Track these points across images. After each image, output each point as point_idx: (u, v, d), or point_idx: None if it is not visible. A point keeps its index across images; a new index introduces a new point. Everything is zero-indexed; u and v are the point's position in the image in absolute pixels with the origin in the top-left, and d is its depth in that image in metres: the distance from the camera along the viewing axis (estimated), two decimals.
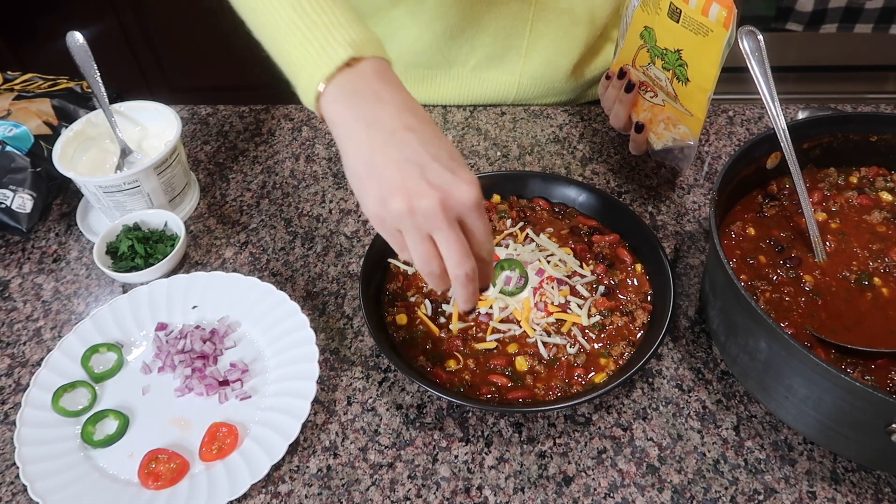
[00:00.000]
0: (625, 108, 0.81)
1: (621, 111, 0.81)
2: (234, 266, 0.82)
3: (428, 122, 0.54)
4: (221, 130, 1.01)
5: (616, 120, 0.82)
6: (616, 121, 0.83)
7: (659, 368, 0.69)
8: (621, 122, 0.82)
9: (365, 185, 0.53)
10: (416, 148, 0.51)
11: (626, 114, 0.81)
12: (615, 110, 0.82)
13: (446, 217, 0.50)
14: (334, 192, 0.90)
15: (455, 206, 0.51)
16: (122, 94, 0.92)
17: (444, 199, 0.50)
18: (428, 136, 0.53)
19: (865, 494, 0.60)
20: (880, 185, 0.76)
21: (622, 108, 0.81)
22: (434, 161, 0.51)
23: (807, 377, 0.55)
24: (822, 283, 0.67)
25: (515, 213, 0.79)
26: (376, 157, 0.52)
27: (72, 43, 0.85)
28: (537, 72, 0.97)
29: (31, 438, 0.64)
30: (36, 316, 0.77)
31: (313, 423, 0.66)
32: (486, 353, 0.68)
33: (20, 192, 0.82)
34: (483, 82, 0.98)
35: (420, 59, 0.96)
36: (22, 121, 0.87)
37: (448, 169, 0.51)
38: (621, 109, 0.81)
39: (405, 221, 0.51)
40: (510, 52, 0.94)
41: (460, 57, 0.95)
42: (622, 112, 0.81)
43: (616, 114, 0.82)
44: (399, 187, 0.51)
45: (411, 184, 0.50)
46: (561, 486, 0.61)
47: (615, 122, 0.83)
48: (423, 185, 0.50)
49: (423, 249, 0.52)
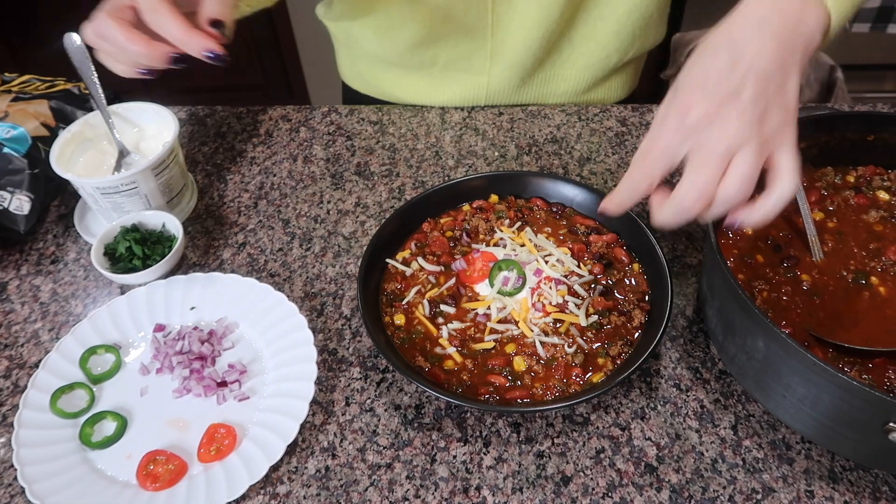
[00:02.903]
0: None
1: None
2: (231, 267, 0.82)
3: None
4: (219, 131, 1.01)
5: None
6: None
7: (657, 368, 0.69)
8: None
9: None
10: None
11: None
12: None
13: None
14: (332, 193, 0.90)
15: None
16: (119, 95, 0.92)
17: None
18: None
19: (863, 493, 0.60)
20: (877, 184, 0.76)
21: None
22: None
23: (804, 376, 0.55)
24: (820, 283, 0.67)
25: (513, 213, 0.79)
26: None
27: (69, 44, 0.85)
28: (505, 72, 0.98)
29: (29, 440, 0.64)
30: (34, 318, 0.77)
31: (312, 423, 0.66)
32: (484, 354, 0.68)
33: (18, 194, 0.82)
34: (454, 82, 1.00)
35: (395, 60, 0.98)
36: (19, 122, 0.87)
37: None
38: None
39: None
40: (475, 53, 0.96)
41: (427, 61, 0.97)
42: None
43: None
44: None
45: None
46: (559, 486, 0.61)
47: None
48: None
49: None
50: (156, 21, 0.55)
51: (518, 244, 0.76)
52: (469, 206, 0.82)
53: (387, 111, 1.02)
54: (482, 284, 0.73)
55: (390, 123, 1.00)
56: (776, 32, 0.52)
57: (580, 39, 0.96)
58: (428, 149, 0.96)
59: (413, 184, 0.91)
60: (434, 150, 0.95)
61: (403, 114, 1.01)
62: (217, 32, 0.58)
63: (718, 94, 0.51)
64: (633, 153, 0.93)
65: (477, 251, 0.75)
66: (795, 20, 0.53)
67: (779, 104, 0.51)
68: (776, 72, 0.51)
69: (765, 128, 0.51)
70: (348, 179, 0.92)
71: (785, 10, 0.53)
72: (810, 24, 0.53)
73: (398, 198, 0.89)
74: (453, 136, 0.98)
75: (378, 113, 1.01)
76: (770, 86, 0.51)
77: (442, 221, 0.80)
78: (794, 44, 0.52)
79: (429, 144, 0.96)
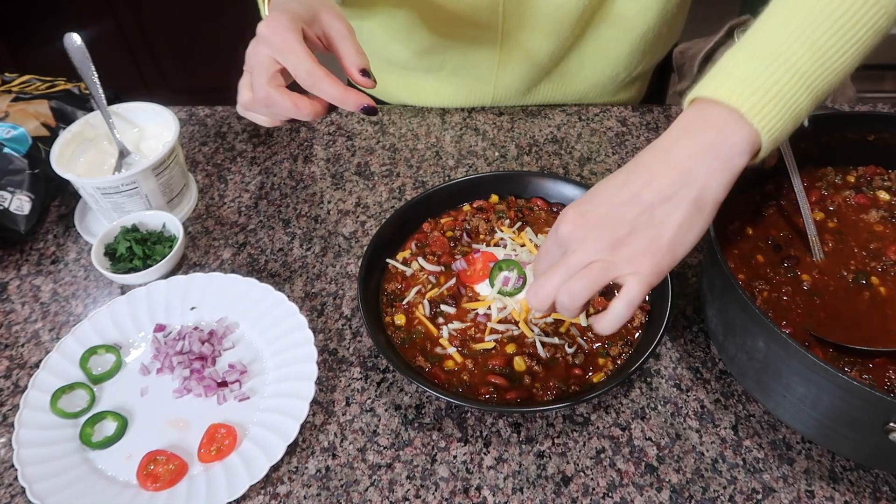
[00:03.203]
0: None
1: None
2: (232, 267, 0.82)
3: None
4: (219, 131, 1.01)
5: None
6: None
7: (657, 368, 0.69)
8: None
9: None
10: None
11: None
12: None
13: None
14: (332, 193, 0.90)
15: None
16: (119, 95, 0.92)
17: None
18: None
19: (863, 493, 0.60)
20: (878, 184, 0.76)
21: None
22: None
23: (805, 376, 0.55)
24: (820, 283, 0.67)
25: (513, 213, 0.79)
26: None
27: (69, 44, 0.85)
28: (512, 83, 0.98)
29: (29, 440, 0.64)
30: (34, 318, 0.77)
31: (312, 423, 0.66)
32: (484, 354, 0.68)
33: (18, 194, 0.82)
34: (459, 88, 1.00)
35: (402, 63, 0.98)
36: (20, 122, 0.87)
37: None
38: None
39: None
40: (483, 63, 0.95)
41: (434, 66, 0.97)
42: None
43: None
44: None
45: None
46: (559, 486, 0.61)
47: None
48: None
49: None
50: (314, 86, 0.58)
51: (518, 244, 0.76)
52: (469, 206, 0.82)
53: (387, 111, 1.02)
54: (482, 284, 0.73)
55: (391, 123, 1.00)
56: (678, 162, 0.52)
57: (590, 56, 0.95)
58: (428, 149, 0.96)
59: (413, 184, 0.91)
60: (434, 150, 0.95)
61: (404, 114, 1.01)
62: (369, 80, 0.62)
63: (596, 212, 0.53)
64: (633, 153, 0.93)
65: (477, 251, 0.75)
66: (706, 148, 0.51)
67: (649, 234, 0.51)
68: (662, 202, 0.51)
69: (618, 252, 0.51)
70: (349, 179, 0.92)
71: (697, 138, 0.52)
72: (724, 151, 0.51)
73: (398, 198, 0.89)
74: (453, 136, 0.98)
75: (378, 113, 1.01)
76: (645, 215, 0.51)
77: (442, 221, 0.80)
78: (696, 174, 0.51)
79: (429, 144, 0.96)
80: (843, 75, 0.53)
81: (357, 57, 0.62)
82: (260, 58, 0.59)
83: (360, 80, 0.62)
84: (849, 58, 0.52)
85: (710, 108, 0.52)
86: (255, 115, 0.65)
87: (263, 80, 0.59)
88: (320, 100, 0.60)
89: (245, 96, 0.62)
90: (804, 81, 0.51)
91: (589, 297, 0.51)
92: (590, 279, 0.51)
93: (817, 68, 0.51)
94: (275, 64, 0.59)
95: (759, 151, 0.52)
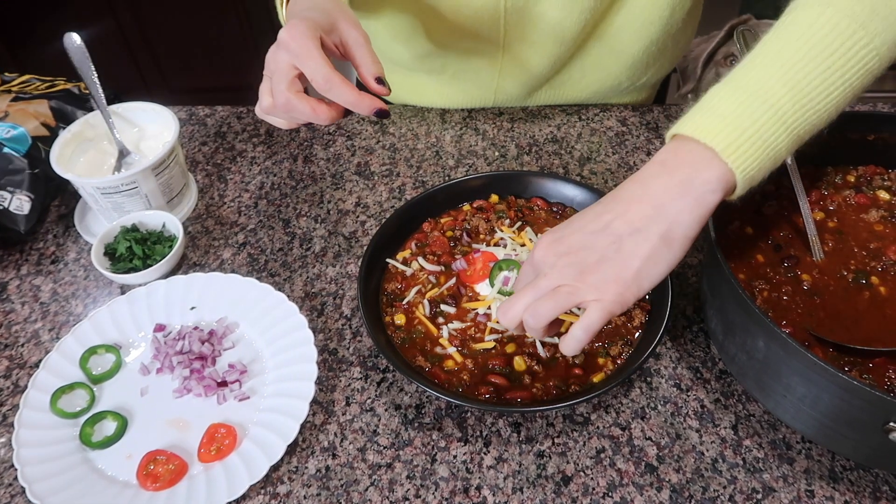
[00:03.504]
0: None
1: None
2: (232, 267, 0.82)
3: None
4: (219, 131, 1.01)
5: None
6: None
7: (657, 368, 0.69)
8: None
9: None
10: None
11: None
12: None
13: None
14: (332, 193, 0.90)
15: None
16: (119, 95, 0.92)
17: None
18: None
19: (863, 493, 0.60)
20: (878, 183, 0.76)
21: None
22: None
23: (805, 376, 0.55)
24: (820, 282, 0.67)
25: (513, 213, 0.79)
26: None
27: (69, 44, 0.85)
28: (513, 89, 0.98)
29: (29, 440, 0.64)
30: (34, 317, 0.77)
31: (312, 423, 0.66)
32: (484, 353, 0.68)
33: (18, 194, 0.82)
34: (461, 90, 1.00)
35: (403, 63, 0.98)
36: (19, 122, 0.87)
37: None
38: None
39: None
40: (484, 69, 0.95)
41: (436, 68, 0.97)
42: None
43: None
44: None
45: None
46: (559, 486, 0.61)
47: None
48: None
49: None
50: (330, 91, 0.60)
51: (518, 244, 0.76)
52: (469, 205, 0.82)
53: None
54: (482, 284, 0.73)
55: (390, 123, 1.00)
56: (652, 197, 0.53)
57: (591, 67, 0.96)
58: (428, 148, 0.96)
59: (413, 183, 0.91)
60: (434, 150, 0.95)
61: (404, 114, 1.01)
62: (384, 88, 0.64)
63: (569, 239, 0.55)
64: (633, 153, 0.93)
65: (477, 251, 0.75)
66: (679, 185, 0.52)
67: (616, 264, 0.52)
68: (631, 234, 0.53)
69: (585, 279, 0.52)
70: (348, 179, 0.92)
71: (673, 174, 0.53)
72: (697, 188, 0.52)
73: (398, 198, 0.89)
74: (453, 135, 0.97)
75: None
76: (615, 245, 0.53)
77: (442, 221, 0.80)
78: (668, 210, 0.52)
79: (429, 144, 0.96)
80: (828, 116, 0.53)
81: (373, 65, 0.64)
82: (280, 63, 0.61)
83: (375, 87, 0.64)
84: (834, 100, 0.52)
85: (687, 145, 0.53)
86: (273, 118, 0.67)
87: (283, 85, 0.61)
88: (336, 105, 0.62)
89: (266, 101, 0.63)
90: (784, 122, 0.51)
91: (552, 317, 0.53)
92: (555, 302, 0.53)
93: (798, 109, 0.51)
94: (293, 69, 0.61)
95: (735, 189, 0.53)
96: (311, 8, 0.65)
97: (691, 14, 0.92)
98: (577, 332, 0.53)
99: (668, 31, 0.90)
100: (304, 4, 0.66)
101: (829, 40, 0.51)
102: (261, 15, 2.20)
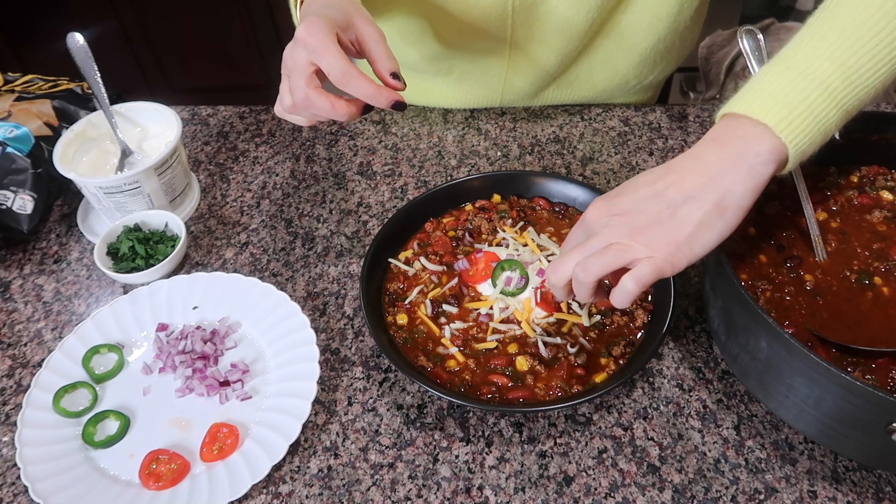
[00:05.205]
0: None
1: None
2: (234, 266, 0.82)
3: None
4: (222, 131, 1.01)
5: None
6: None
7: (659, 368, 0.69)
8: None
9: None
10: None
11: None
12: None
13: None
14: (335, 193, 0.90)
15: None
16: (122, 94, 0.92)
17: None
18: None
19: (866, 494, 0.60)
20: (881, 183, 0.76)
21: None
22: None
23: (807, 376, 0.55)
24: (823, 283, 0.66)
25: (516, 213, 0.79)
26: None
27: (72, 44, 0.85)
28: (521, 89, 0.98)
29: (32, 439, 0.64)
30: (37, 317, 0.77)
31: (314, 423, 0.66)
32: (486, 353, 0.68)
33: (21, 194, 0.82)
34: (467, 91, 1.00)
35: (410, 65, 0.98)
36: (23, 122, 0.87)
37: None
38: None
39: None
40: (491, 70, 0.95)
41: (443, 70, 0.97)
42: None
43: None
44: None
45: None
46: (562, 486, 0.61)
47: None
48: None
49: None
50: (348, 84, 0.61)
51: (521, 244, 0.76)
52: (471, 205, 0.82)
53: (389, 110, 1.02)
54: (485, 284, 0.73)
55: (393, 123, 1.00)
56: (706, 167, 0.54)
57: (598, 66, 0.96)
58: (430, 148, 0.96)
59: (415, 183, 0.91)
60: (437, 150, 0.95)
61: (406, 113, 1.01)
62: (399, 83, 0.64)
63: (621, 202, 0.56)
64: (635, 153, 0.93)
65: (479, 251, 0.75)
66: (732, 156, 0.53)
67: (669, 227, 0.53)
68: (685, 201, 0.54)
69: (638, 238, 0.54)
70: (351, 179, 0.92)
71: (725, 147, 0.54)
72: (750, 160, 0.53)
73: (401, 197, 0.89)
74: (456, 135, 0.97)
75: (381, 112, 1.01)
76: (668, 211, 0.54)
77: (444, 221, 0.80)
78: (722, 179, 0.53)
79: (431, 144, 0.96)
80: (875, 91, 0.55)
81: (389, 61, 0.64)
82: (297, 60, 0.61)
83: (391, 82, 0.64)
84: (882, 75, 0.53)
85: (739, 122, 0.55)
86: (293, 117, 0.67)
87: (301, 81, 0.61)
88: (355, 101, 0.63)
89: (287, 101, 0.64)
90: (834, 97, 0.53)
91: (602, 274, 0.54)
92: (606, 258, 0.54)
93: (847, 85, 0.53)
94: (311, 65, 0.61)
95: (787, 163, 0.54)
96: (326, 6, 0.65)
97: (699, 12, 0.93)
98: (627, 284, 0.53)
99: (676, 28, 0.91)
100: (320, 3, 0.66)
101: (876, 19, 0.52)
102: (263, 14, 2.20)
